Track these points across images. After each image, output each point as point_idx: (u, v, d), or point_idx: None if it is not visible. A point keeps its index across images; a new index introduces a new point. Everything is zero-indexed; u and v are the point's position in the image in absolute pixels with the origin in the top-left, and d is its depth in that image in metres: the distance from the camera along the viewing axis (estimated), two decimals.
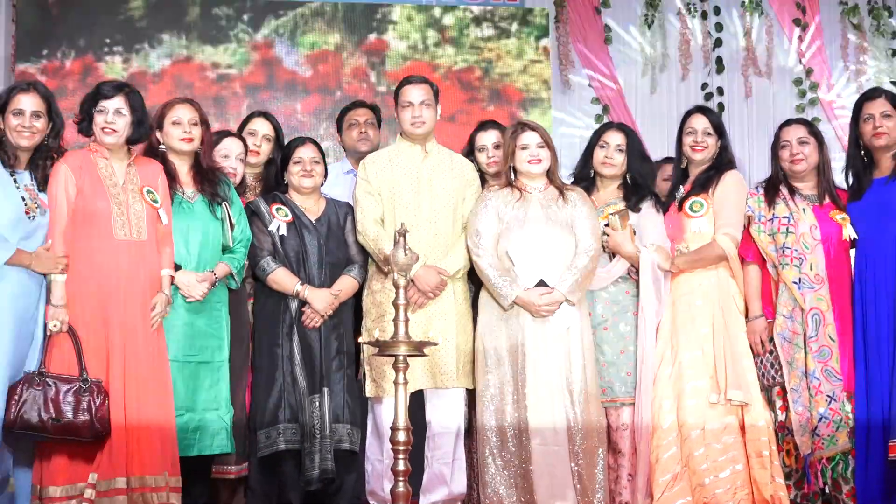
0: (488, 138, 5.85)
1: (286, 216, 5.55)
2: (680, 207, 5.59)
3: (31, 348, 4.78)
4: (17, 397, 4.59)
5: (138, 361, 4.83)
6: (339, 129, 6.90)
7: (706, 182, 5.56)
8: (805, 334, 5.35)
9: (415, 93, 5.62)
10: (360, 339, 5.13)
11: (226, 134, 5.75)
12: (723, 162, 5.63)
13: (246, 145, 5.72)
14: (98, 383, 4.69)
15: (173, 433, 4.91)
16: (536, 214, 5.43)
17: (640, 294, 5.52)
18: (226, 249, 5.31)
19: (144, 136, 5.15)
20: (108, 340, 4.81)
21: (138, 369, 4.83)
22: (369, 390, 5.50)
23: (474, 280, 5.61)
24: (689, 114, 5.77)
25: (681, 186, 5.70)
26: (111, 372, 4.77)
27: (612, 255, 5.58)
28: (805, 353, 5.34)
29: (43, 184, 4.88)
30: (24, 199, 4.77)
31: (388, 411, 5.19)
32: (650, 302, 5.48)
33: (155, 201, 5.01)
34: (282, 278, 5.42)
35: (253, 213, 5.52)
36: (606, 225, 5.52)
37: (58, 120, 4.95)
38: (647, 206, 5.65)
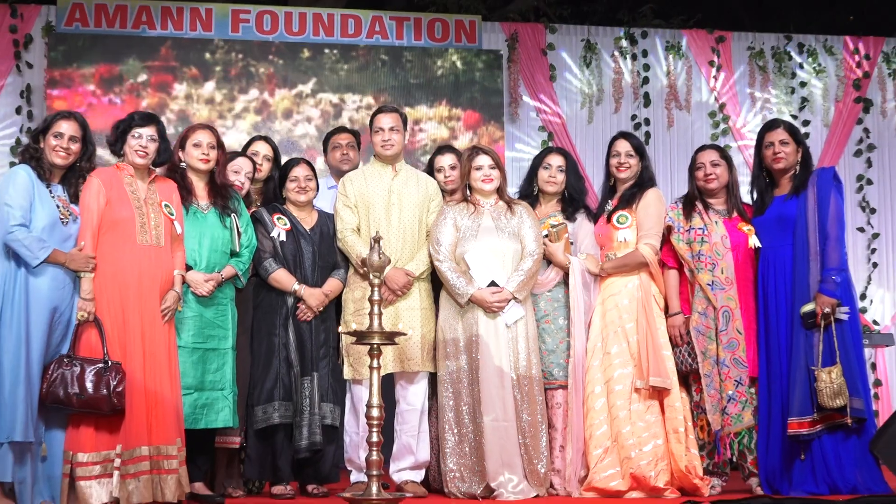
0: (445, 160, 6.18)
1: (285, 225, 5.80)
2: (608, 220, 5.87)
3: (65, 334, 5.06)
4: (48, 375, 4.92)
5: (154, 348, 5.13)
6: (325, 151, 7.19)
7: (630, 198, 5.85)
8: (717, 328, 5.68)
9: (385, 120, 5.94)
10: (340, 329, 5.35)
11: (238, 154, 5.99)
12: (644, 180, 5.91)
13: (255, 165, 5.97)
14: (117, 365, 4.98)
15: (180, 408, 5.21)
16: (488, 225, 5.75)
17: (570, 296, 5.79)
18: (234, 254, 5.56)
19: (166, 160, 5.43)
20: (127, 329, 5.09)
21: (153, 354, 5.12)
22: (347, 373, 5.77)
23: (435, 282, 5.86)
24: (614, 139, 6.06)
25: (609, 201, 5.98)
26: (129, 356, 5.05)
27: (549, 262, 5.85)
28: (717, 344, 5.67)
29: (74, 198, 5.14)
30: (58, 207, 5.06)
31: (364, 391, 5.52)
32: (580, 302, 5.75)
33: (171, 214, 5.28)
34: (282, 278, 5.69)
35: (257, 221, 5.76)
36: (546, 236, 5.80)
37: (90, 146, 5.23)
38: (581, 217, 5.98)
